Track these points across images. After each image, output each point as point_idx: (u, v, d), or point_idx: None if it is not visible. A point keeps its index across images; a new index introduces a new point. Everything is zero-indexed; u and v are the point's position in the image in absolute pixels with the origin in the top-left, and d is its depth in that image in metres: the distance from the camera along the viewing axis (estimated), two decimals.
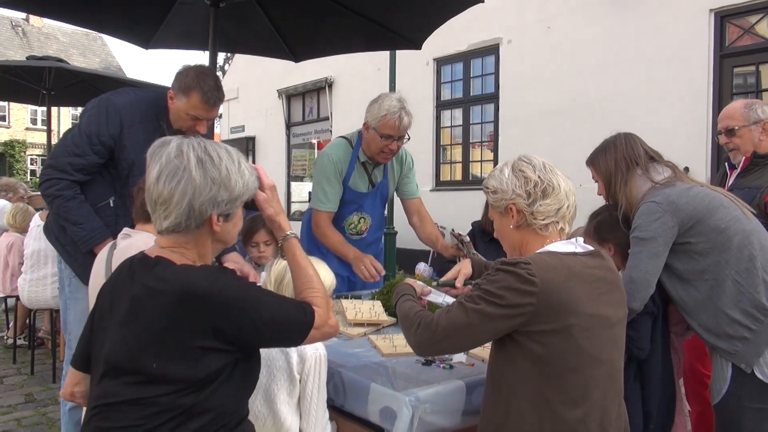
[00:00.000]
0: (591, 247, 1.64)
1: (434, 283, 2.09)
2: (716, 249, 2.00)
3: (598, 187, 2.35)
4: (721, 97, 6.57)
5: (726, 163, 2.82)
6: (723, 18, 6.70)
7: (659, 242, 2.02)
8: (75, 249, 2.57)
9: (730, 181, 2.72)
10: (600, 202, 2.41)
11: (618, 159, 2.21)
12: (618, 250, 2.20)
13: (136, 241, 2.13)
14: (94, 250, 2.50)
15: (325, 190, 3.00)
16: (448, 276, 2.13)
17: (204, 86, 2.51)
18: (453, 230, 3.02)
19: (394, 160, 3.17)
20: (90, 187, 2.60)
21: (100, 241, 2.52)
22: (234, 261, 2.63)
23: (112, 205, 2.62)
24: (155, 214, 1.37)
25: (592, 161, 2.33)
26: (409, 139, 3.01)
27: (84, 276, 2.56)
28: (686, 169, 5.90)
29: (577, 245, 1.61)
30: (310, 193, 10.93)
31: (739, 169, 2.67)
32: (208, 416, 1.31)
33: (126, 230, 2.25)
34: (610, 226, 2.23)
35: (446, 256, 3.12)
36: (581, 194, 2.51)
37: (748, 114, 2.64)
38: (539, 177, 1.62)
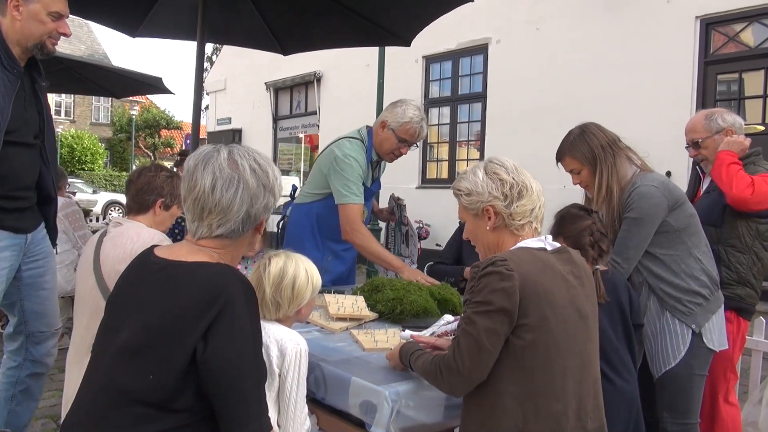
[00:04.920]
0: (558, 245, 1.69)
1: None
2: (686, 231, 2.30)
3: (573, 177, 2.42)
4: (704, 104, 6.66)
5: (697, 167, 2.90)
6: (708, 25, 6.80)
7: (654, 223, 2.26)
8: None
9: (704, 185, 2.82)
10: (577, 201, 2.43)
11: (603, 144, 2.33)
12: (569, 243, 2.24)
13: (127, 230, 2.18)
14: None
15: (357, 184, 2.98)
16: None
17: None
18: (393, 194, 3.27)
19: None
20: None
21: None
22: None
23: None
24: (205, 221, 1.38)
25: (571, 151, 2.38)
26: (417, 146, 3.13)
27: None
28: (668, 173, 6.00)
29: (546, 242, 1.66)
30: (294, 186, 10.92)
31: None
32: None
33: (118, 218, 2.29)
34: (563, 221, 2.24)
35: (380, 219, 3.33)
36: (565, 195, 2.55)
37: (710, 125, 2.72)
38: (513, 179, 1.66)
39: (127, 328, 1.32)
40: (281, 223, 9.05)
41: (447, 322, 2.14)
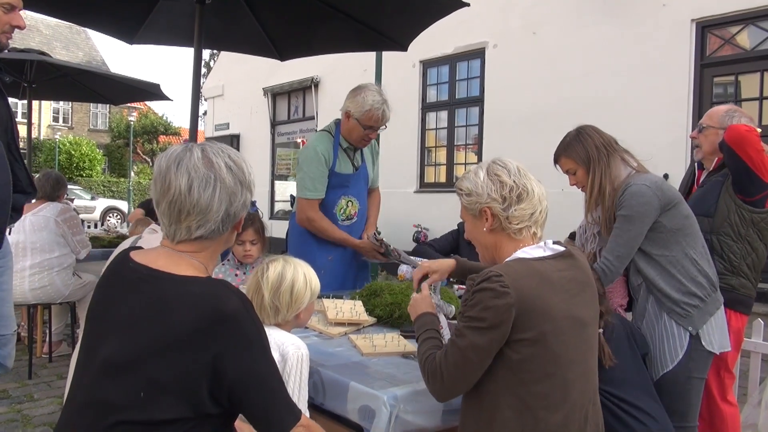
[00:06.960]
0: (561, 248, 1.64)
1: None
2: (681, 231, 2.30)
3: (570, 178, 2.43)
4: (701, 106, 6.68)
5: (696, 163, 2.92)
6: (704, 28, 6.82)
7: (644, 222, 2.25)
8: None
9: (701, 180, 2.83)
10: (581, 206, 2.44)
11: (598, 145, 2.35)
12: None
13: (159, 237, 2.17)
14: None
15: (313, 178, 3.07)
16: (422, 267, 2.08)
17: None
18: (375, 234, 3.16)
19: (368, 147, 3.34)
20: None
21: None
22: None
23: None
24: (183, 223, 1.34)
25: (566, 151, 2.40)
26: (386, 127, 3.16)
27: None
28: (666, 176, 6.01)
29: (546, 248, 1.62)
30: (292, 195, 10.97)
31: (711, 168, 2.75)
32: None
33: (154, 226, 2.28)
34: None
35: (369, 256, 3.17)
36: (563, 198, 2.57)
37: (723, 119, 2.72)
38: (514, 182, 1.63)
39: (111, 343, 1.28)
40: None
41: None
